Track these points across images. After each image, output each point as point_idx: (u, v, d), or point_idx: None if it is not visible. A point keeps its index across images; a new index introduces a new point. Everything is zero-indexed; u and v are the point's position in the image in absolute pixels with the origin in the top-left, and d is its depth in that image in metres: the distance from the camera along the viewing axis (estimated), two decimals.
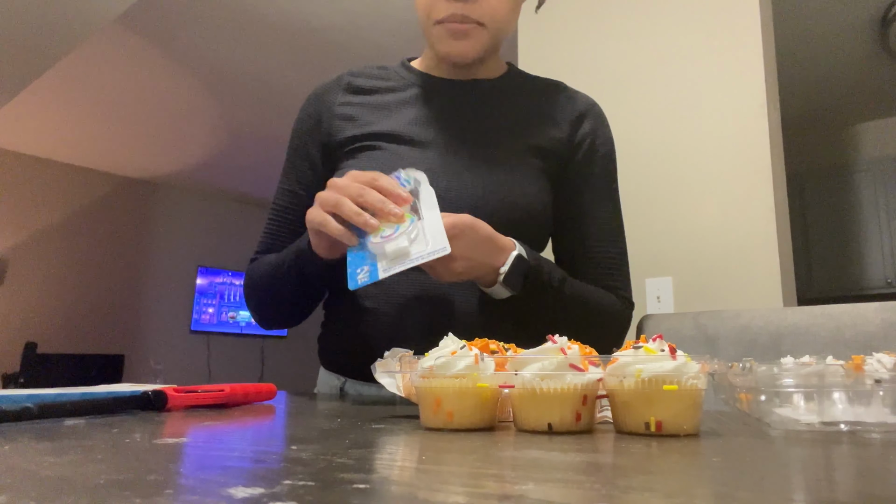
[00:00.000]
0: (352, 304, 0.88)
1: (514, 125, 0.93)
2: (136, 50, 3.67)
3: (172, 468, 0.30)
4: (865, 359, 0.43)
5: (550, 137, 0.93)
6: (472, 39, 0.85)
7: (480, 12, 0.83)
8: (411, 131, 0.90)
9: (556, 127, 0.94)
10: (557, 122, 0.94)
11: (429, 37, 0.88)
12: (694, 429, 0.42)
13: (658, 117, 2.01)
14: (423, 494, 0.24)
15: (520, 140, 0.91)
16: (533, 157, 0.91)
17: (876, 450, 0.36)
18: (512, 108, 0.94)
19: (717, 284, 1.83)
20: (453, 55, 0.87)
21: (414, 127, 0.90)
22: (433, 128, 0.90)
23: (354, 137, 0.91)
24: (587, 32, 2.21)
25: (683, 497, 0.24)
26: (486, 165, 0.88)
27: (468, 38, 0.85)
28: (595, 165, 0.94)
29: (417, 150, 0.88)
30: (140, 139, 5.14)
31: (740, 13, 1.91)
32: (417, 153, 0.88)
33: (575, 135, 0.94)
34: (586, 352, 0.46)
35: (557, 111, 0.95)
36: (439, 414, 0.45)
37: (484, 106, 0.93)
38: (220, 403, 0.61)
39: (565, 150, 0.93)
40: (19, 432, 0.40)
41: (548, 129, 0.93)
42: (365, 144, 0.90)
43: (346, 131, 0.92)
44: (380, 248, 0.66)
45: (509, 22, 0.88)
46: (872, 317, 0.98)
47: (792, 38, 3.36)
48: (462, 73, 0.94)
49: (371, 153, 0.89)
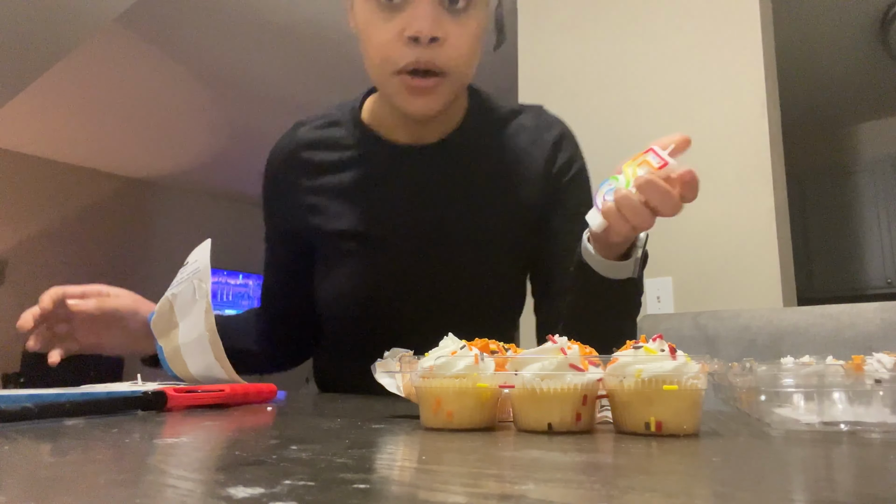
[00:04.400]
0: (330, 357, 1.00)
1: (484, 198, 0.88)
2: (136, 50, 3.67)
3: (172, 468, 0.30)
4: (865, 359, 0.43)
5: (526, 195, 0.89)
6: (434, 95, 0.78)
7: (445, 58, 0.76)
8: (375, 229, 0.87)
9: (529, 174, 0.89)
10: (531, 167, 0.89)
11: (384, 87, 0.81)
12: (694, 429, 0.42)
13: (658, 117, 2.01)
14: (423, 494, 0.24)
15: (492, 219, 0.88)
16: (508, 233, 0.88)
17: (876, 450, 0.36)
18: (479, 171, 0.88)
19: (716, 284, 1.83)
20: (415, 113, 0.80)
21: (377, 223, 0.87)
22: (397, 219, 0.87)
23: (322, 232, 0.90)
24: (587, 32, 2.20)
25: (683, 497, 0.24)
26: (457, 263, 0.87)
27: (431, 94, 0.78)
28: (576, 189, 0.91)
29: (383, 253, 0.87)
30: (140, 139, 5.14)
31: (740, 13, 1.91)
32: (384, 256, 0.87)
33: (553, 166, 0.90)
34: (586, 352, 0.46)
35: (529, 153, 0.90)
36: (439, 414, 0.45)
37: (449, 180, 0.88)
38: (220, 403, 0.61)
39: (542, 189, 0.90)
40: (19, 432, 0.40)
41: (522, 187, 0.89)
42: (334, 247, 0.90)
43: (310, 221, 0.91)
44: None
45: (472, 66, 0.81)
46: (872, 317, 0.98)
47: (792, 39, 3.36)
48: (420, 128, 0.88)
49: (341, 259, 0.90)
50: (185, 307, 0.77)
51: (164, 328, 0.80)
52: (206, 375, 0.75)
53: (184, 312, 0.77)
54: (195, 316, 0.74)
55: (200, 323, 0.73)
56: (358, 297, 0.89)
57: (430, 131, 0.88)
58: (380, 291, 0.88)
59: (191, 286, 0.76)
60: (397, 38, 0.75)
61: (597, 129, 2.14)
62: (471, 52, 0.79)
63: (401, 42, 0.75)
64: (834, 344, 0.98)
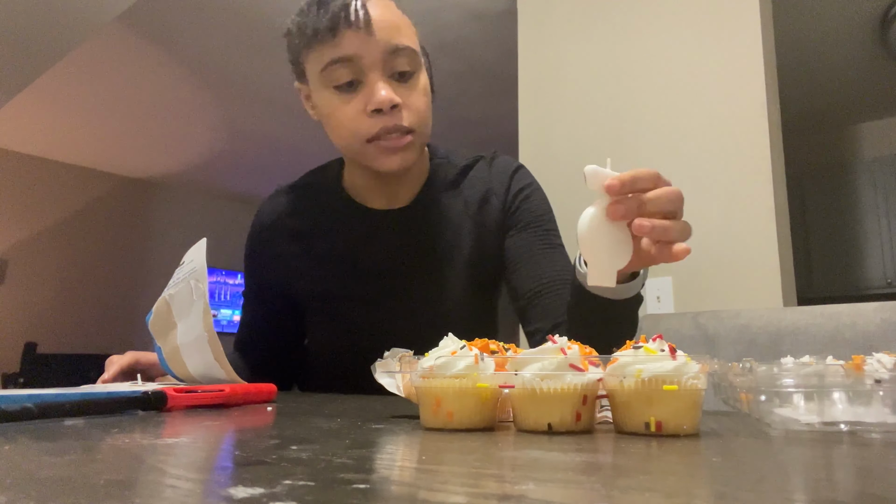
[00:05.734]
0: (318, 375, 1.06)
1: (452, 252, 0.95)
2: (136, 50, 3.67)
3: (172, 468, 0.30)
4: (865, 359, 0.43)
5: (489, 241, 0.96)
6: (408, 150, 0.86)
7: (408, 118, 0.84)
8: (356, 290, 0.96)
9: (489, 223, 0.97)
10: (489, 216, 0.97)
11: (359, 156, 0.88)
12: (694, 429, 0.42)
13: (658, 117, 2.01)
14: (423, 494, 0.24)
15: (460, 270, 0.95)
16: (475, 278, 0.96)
17: (876, 450, 0.36)
18: (447, 227, 0.96)
19: (716, 284, 1.83)
20: (393, 169, 0.87)
21: (358, 284, 0.96)
22: (376, 279, 0.95)
23: (306, 295, 0.99)
24: (587, 32, 2.20)
25: (683, 497, 0.24)
26: (433, 311, 0.95)
27: (405, 150, 0.86)
28: (527, 206, 0.97)
29: (364, 310, 0.96)
30: (140, 139, 5.14)
31: (740, 13, 1.91)
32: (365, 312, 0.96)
33: (506, 202, 0.97)
34: (586, 352, 0.46)
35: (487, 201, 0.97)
36: (439, 414, 0.45)
37: (421, 239, 0.95)
38: (220, 403, 0.61)
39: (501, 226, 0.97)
40: (19, 432, 0.40)
41: (484, 235, 0.96)
42: (317, 307, 1.00)
43: (293, 285, 1.00)
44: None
45: (430, 122, 0.89)
46: (872, 317, 0.98)
47: (792, 38, 3.36)
48: (393, 191, 0.96)
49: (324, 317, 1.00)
50: (182, 308, 0.77)
51: (162, 329, 0.80)
52: (205, 375, 0.75)
53: (182, 313, 0.77)
54: (193, 317, 0.74)
55: (199, 324, 0.73)
56: (339, 348, 1.00)
57: (402, 194, 0.96)
58: (360, 343, 0.97)
59: (188, 287, 0.76)
60: (362, 113, 0.83)
61: (597, 129, 2.14)
62: (427, 109, 0.88)
63: (366, 115, 0.83)
64: (834, 344, 0.98)
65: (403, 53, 0.84)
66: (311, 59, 0.86)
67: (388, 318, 0.96)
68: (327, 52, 0.83)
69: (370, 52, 0.82)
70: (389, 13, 0.85)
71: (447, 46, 3.47)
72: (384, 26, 0.83)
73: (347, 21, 0.81)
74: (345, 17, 0.81)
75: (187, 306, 0.76)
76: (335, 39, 0.82)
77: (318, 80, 0.86)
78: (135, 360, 0.94)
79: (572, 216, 0.70)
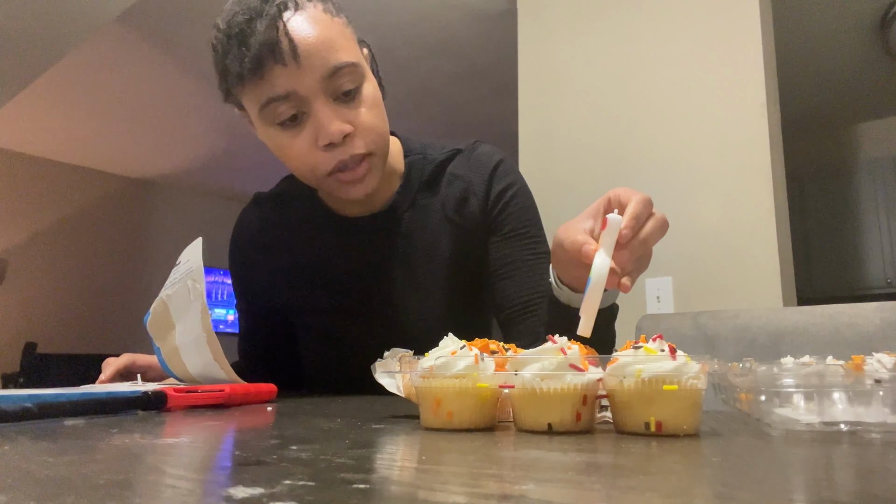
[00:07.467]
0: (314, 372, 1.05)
1: (433, 254, 0.92)
2: (136, 50, 3.67)
3: (172, 468, 0.30)
4: (865, 359, 0.43)
5: (470, 240, 0.93)
6: (369, 176, 0.82)
7: (363, 143, 0.79)
8: (338, 299, 0.94)
9: (468, 223, 0.92)
10: (468, 215, 0.92)
11: (319, 187, 0.87)
12: (694, 429, 0.42)
13: (658, 117, 2.01)
14: (423, 494, 0.24)
15: (442, 271, 0.92)
16: (457, 280, 0.93)
17: (876, 450, 0.36)
18: (427, 229, 0.92)
19: (716, 284, 1.83)
20: (359, 198, 0.84)
21: (340, 294, 0.94)
22: (357, 287, 0.93)
23: (288, 306, 0.99)
24: (587, 32, 2.21)
25: (683, 497, 0.24)
26: (418, 316, 0.92)
27: (366, 177, 0.82)
28: (511, 213, 0.93)
29: (347, 318, 0.95)
30: (140, 139, 5.14)
31: (740, 13, 1.91)
32: (342, 325, 0.95)
33: (488, 202, 0.93)
34: (586, 352, 0.46)
35: (466, 200, 0.93)
36: (439, 414, 0.45)
37: (400, 243, 0.92)
38: (220, 403, 0.61)
39: (482, 226, 0.93)
40: (19, 432, 0.40)
41: (464, 234, 0.92)
42: (301, 317, 1.00)
43: (275, 297, 1.00)
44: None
45: (387, 130, 0.84)
46: (872, 317, 0.98)
47: (792, 38, 3.36)
48: (368, 198, 0.90)
49: (304, 331, 1.01)
50: (180, 308, 0.77)
51: (160, 329, 0.80)
52: (205, 375, 0.75)
53: (180, 314, 0.77)
54: (192, 317, 0.74)
55: (197, 325, 0.73)
56: (321, 360, 1.01)
57: (376, 198, 0.92)
58: (341, 354, 0.97)
59: (185, 287, 0.76)
60: (313, 147, 0.78)
61: (596, 129, 2.14)
62: (380, 121, 0.82)
63: (318, 149, 0.78)
64: (834, 344, 0.98)
65: (343, 72, 0.77)
66: (246, 97, 0.79)
67: (366, 330, 0.93)
68: (261, 92, 0.76)
69: (306, 84, 0.75)
70: (319, 28, 0.76)
71: (447, 47, 3.47)
72: (316, 50, 0.75)
73: (273, 57, 0.73)
74: (269, 53, 0.73)
75: (185, 307, 0.76)
76: (264, 80, 0.75)
77: (258, 118, 0.80)
78: (131, 361, 0.93)
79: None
